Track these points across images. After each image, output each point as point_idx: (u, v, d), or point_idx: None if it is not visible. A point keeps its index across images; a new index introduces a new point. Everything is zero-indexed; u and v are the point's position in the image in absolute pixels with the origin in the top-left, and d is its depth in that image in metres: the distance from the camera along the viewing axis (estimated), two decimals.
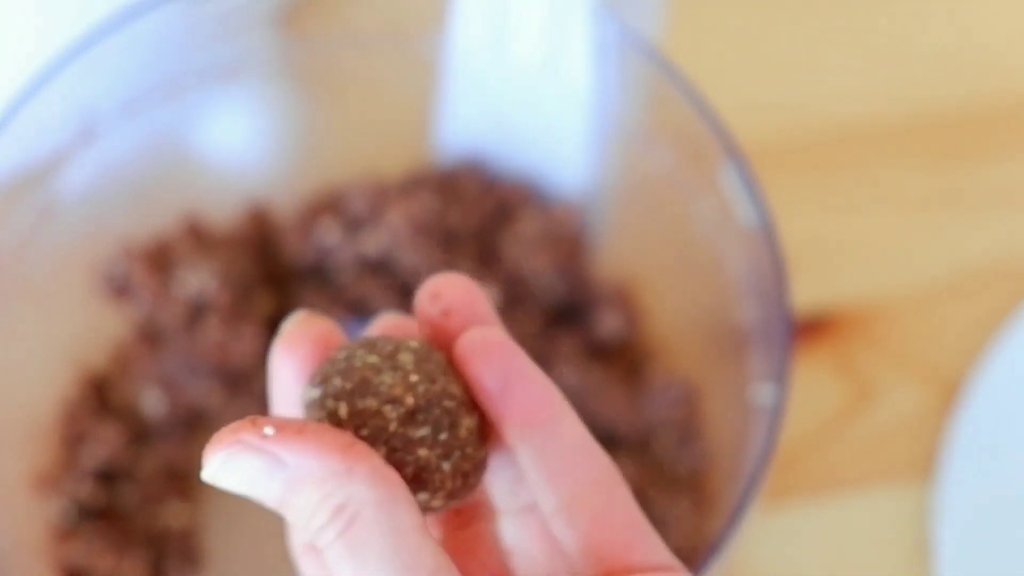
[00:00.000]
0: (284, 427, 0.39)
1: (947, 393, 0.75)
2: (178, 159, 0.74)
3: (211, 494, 0.72)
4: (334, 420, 0.41)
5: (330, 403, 0.41)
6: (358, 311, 0.73)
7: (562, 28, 0.67)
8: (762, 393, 0.64)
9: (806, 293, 0.75)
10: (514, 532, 0.44)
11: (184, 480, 0.72)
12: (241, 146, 0.76)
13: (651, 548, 0.43)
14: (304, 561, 0.43)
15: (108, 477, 0.71)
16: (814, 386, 0.75)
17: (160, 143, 0.73)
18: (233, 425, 0.39)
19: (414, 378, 0.41)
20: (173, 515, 0.70)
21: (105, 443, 0.70)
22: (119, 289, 0.71)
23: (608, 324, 0.72)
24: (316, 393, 0.42)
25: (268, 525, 0.72)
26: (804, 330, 0.76)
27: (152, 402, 0.72)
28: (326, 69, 0.74)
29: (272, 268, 0.75)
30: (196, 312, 0.71)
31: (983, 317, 0.75)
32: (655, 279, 0.73)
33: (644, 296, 0.73)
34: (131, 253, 0.71)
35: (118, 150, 0.71)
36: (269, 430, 0.39)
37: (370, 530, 0.38)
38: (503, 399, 0.43)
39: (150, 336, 0.73)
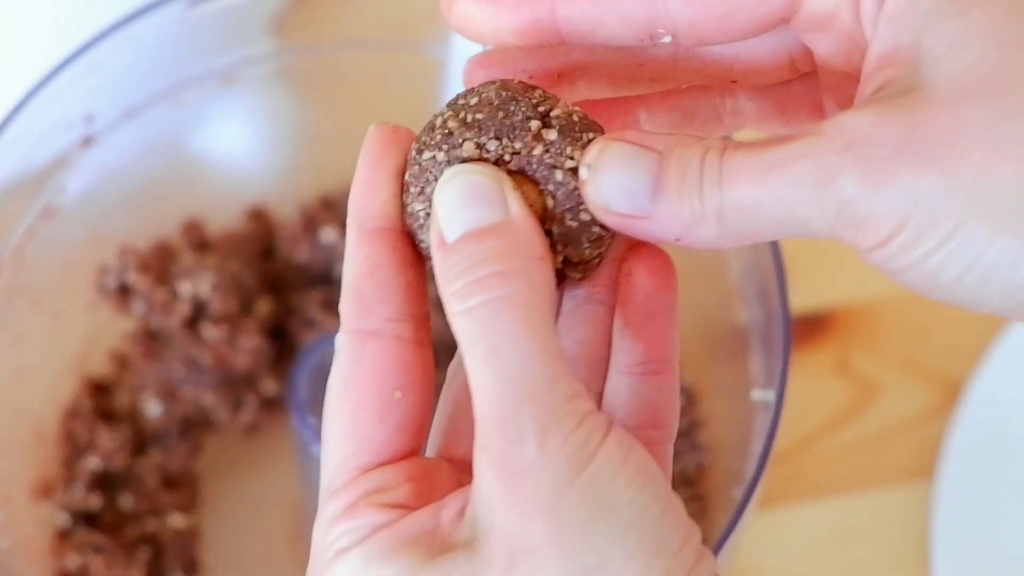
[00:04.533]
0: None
1: (946, 394, 0.75)
2: (178, 163, 0.74)
3: (211, 500, 0.72)
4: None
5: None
6: None
7: None
8: (761, 393, 0.64)
9: (806, 294, 0.75)
10: None
11: (184, 486, 0.72)
12: (241, 150, 0.76)
13: None
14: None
15: (108, 482, 0.71)
16: (813, 387, 0.75)
17: (160, 147, 0.73)
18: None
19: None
20: (172, 521, 0.70)
21: (105, 448, 0.70)
22: (119, 293, 0.71)
23: None
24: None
25: (267, 532, 0.72)
26: (803, 331, 0.76)
27: (152, 407, 0.72)
28: (325, 73, 0.74)
29: (271, 272, 0.75)
30: (196, 316, 0.71)
31: (982, 318, 0.76)
32: None
33: None
34: (131, 257, 0.71)
35: (118, 154, 0.71)
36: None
37: (521, 315, 0.38)
38: (637, 328, 0.43)
39: (150, 340, 0.73)
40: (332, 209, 0.74)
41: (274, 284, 0.74)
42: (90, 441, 0.70)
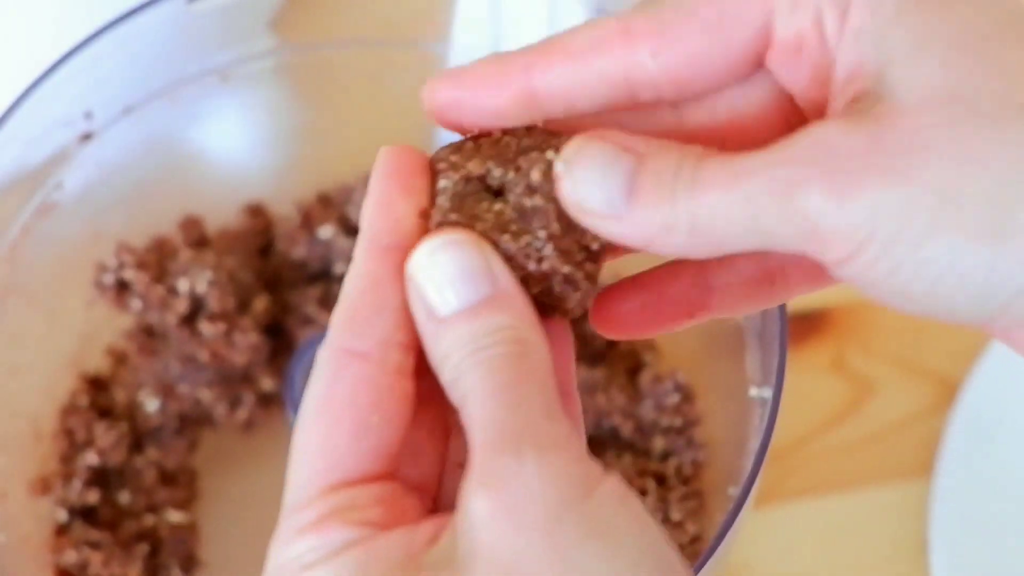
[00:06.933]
0: None
1: (943, 392, 0.75)
2: (176, 160, 0.74)
3: (209, 497, 0.73)
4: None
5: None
6: None
7: (561, 31, 0.67)
8: (758, 391, 0.64)
9: None
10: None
11: (181, 482, 0.72)
12: (239, 147, 0.76)
13: None
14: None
15: (105, 478, 0.71)
16: (810, 384, 0.75)
17: (159, 144, 0.73)
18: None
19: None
20: (170, 517, 0.70)
21: (102, 444, 0.70)
22: (117, 290, 0.71)
23: None
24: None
25: (265, 528, 0.72)
26: (800, 329, 0.76)
27: (149, 403, 0.72)
28: (324, 70, 0.74)
29: (269, 269, 0.75)
30: (193, 313, 0.71)
31: None
32: None
33: None
34: (129, 254, 0.71)
35: (116, 151, 0.71)
36: None
37: (528, 366, 0.39)
38: None
39: (148, 337, 0.73)
40: (330, 206, 0.74)
41: (271, 281, 0.74)
42: (87, 437, 0.70)
